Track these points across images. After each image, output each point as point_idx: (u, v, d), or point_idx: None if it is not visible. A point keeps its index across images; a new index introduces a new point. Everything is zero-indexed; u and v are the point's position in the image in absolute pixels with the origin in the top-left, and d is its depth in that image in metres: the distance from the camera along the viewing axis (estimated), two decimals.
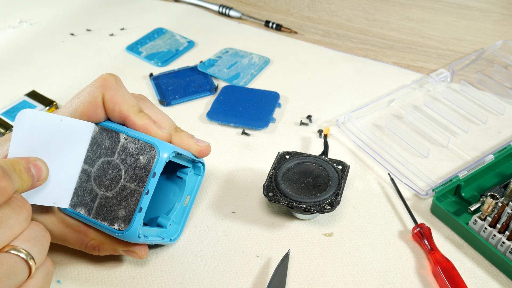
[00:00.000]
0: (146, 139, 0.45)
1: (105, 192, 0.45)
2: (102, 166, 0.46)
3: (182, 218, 0.51)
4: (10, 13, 0.90)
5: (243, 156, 0.62)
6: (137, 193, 0.44)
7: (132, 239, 0.44)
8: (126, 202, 0.44)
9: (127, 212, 0.44)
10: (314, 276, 0.49)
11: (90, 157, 0.46)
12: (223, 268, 0.50)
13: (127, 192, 0.44)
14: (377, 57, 0.79)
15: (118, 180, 0.45)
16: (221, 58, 0.78)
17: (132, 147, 0.45)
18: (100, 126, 0.47)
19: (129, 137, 0.45)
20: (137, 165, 0.44)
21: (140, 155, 0.44)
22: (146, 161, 0.44)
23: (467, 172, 0.56)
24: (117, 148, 0.45)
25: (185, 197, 0.51)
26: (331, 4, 0.92)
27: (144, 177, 0.44)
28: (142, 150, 0.44)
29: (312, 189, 0.53)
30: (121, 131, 0.46)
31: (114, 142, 0.46)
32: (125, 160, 0.45)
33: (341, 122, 0.65)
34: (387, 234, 0.53)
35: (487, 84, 0.71)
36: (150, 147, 0.44)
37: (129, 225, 0.44)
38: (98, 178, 0.46)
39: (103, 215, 0.45)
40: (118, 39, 0.83)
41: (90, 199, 0.46)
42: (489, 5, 0.90)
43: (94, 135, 0.47)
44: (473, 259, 0.50)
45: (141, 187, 0.44)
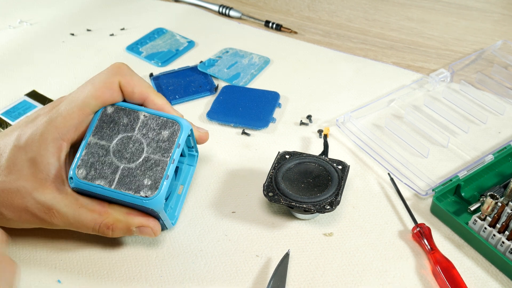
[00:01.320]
0: (167, 116, 0.48)
1: (126, 164, 0.46)
2: (121, 141, 0.47)
3: (177, 205, 0.53)
4: (10, 13, 0.90)
5: (243, 156, 0.62)
6: (162, 162, 0.46)
7: (158, 206, 0.46)
8: (151, 171, 0.46)
9: (153, 180, 0.45)
10: (314, 276, 0.49)
11: (107, 133, 0.48)
12: (223, 268, 0.50)
13: (152, 163, 0.46)
14: (377, 57, 0.79)
15: (140, 152, 0.47)
16: (221, 58, 0.78)
17: (153, 123, 0.48)
18: (116, 106, 0.49)
19: (149, 114, 0.48)
20: (160, 138, 0.47)
21: (162, 130, 0.47)
22: (170, 135, 0.47)
23: (467, 172, 0.56)
24: (137, 125, 0.48)
25: (178, 186, 0.53)
26: (331, 4, 0.92)
27: (168, 148, 0.46)
28: (164, 125, 0.47)
29: (312, 189, 0.53)
30: (139, 109, 0.48)
31: (133, 119, 0.48)
32: (147, 135, 0.47)
33: (341, 122, 0.65)
34: (387, 234, 0.53)
35: (487, 84, 0.71)
36: (173, 123, 0.47)
37: (157, 191, 0.45)
38: (118, 152, 0.47)
39: (127, 185, 0.46)
40: (118, 39, 0.83)
41: (110, 172, 0.46)
42: (489, 5, 0.90)
43: (110, 114, 0.48)
44: (473, 259, 0.50)
45: (166, 157, 0.46)
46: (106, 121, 0.48)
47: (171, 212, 0.52)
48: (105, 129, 0.48)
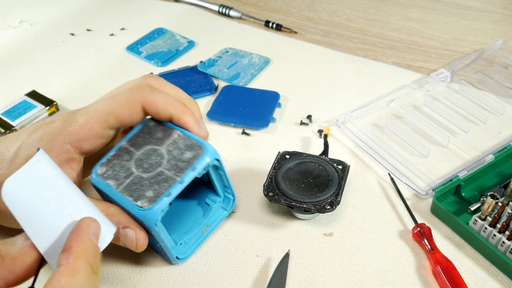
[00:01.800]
0: (198, 140, 0.47)
1: (141, 173, 0.46)
2: (147, 151, 0.48)
3: (195, 244, 0.51)
4: (10, 13, 0.90)
5: (243, 156, 0.62)
6: (171, 180, 0.45)
7: (150, 220, 0.44)
8: (158, 186, 0.45)
9: (155, 194, 0.45)
10: (314, 276, 0.49)
11: (139, 142, 0.48)
12: (223, 268, 0.50)
13: (162, 178, 0.45)
14: (377, 57, 0.79)
15: (157, 166, 0.46)
16: (221, 58, 0.78)
17: (182, 143, 0.47)
18: (158, 121, 0.49)
19: (183, 135, 0.48)
20: (181, 158, 0.46)
21: (187, 151, 0.47)
22: (191, 157, 0.46)
23: (467, 172, 0.56)
24: (168, 141, 0.48)
25: (204, 226, 0.52)
26: (331, 4, 0.92)
27: (184, 168, 0.46)
28: (190, 147, 0.47)
29: (312, 189, 0.53)
30: (176, 128, 0.49)
31: (167, 136, 0.48)
32: (171, 152, 0.47)
33: (341, 122, 0.65)
34: (387, 234, 0.53)
35: (487, 84, 0.71)
36: (199, 146, 0.47)
37: (153, 205, 0.44)
38: (139, 160, 0.47)
39: (131, 191, 0.45)
40: (118, 39, 0.83)
41: (124, 176, 0.46)
42: (489, 5, 0.90)
43: (150, 126, 0.49)
44: (473, 259, 0.50)
45: (177, 176, 0.45)
46: (144, 131, 0.49)
47: (184, 247, 0.51)
48: (140, 138, 0.49)
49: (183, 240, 0.50)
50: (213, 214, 0.53)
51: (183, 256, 0.50)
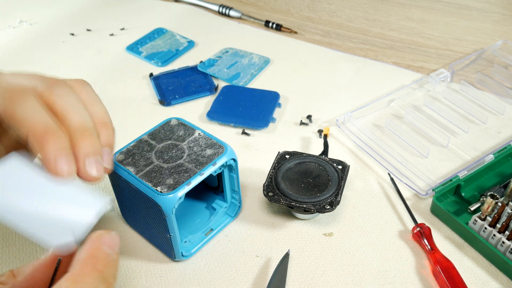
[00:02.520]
0: (219, 140, 0.49)
1: (161, 163, 0.47)
2: (168, 145, 0.49)
3: (198, 244, 0.51)
4: (10, 13, 0.90)
5: (243, 156, 0.62)
6: (191, 171, 0.46)
7: (168, 205, 0.44)
8: (177, 175, 0.46)
9: (175, 182, 0.46)
10: (314, 276, 0.49)
11: (160, 137, 0.50)
12: (223, 268, 0.50)
13: (182, 169, 0.47)
14: (377, 57, 0.79)
15: (178, 158, 0.48)
16: (221, 58, 0.78)
17: (203, 141, 0.49)
18: (180, 121, 0.52)
19: (204, 134, 0.50)
20: (201, 154, 0.48)
21: (207, 148, 0.49)
22: (211, 154, 0.48)
23: (467, 172, 0.56)
24: (189, 138, 0.50)
25: (208, 229, 0.53)
26: (331, 4, 0.92)
27: (204, 163, 0.47)
28: (211, 146, 0.49)
29: (312, 189, 0.53)
30: (197, 128, 0.51)
31: (188, 134, 0.50)
32: (192, 148, 0.49)
33: (341, 122, 0.65)
34: (387, 234, 0.53)
35: (487, 84, 0.71)
36: (220, 146, 0.49)
37: (173, 191, 0.45)
38: (159, 152, 0.49)
39: (150, 178, 0.46)
40: (118, 39, 0.83)
41: (144, 164, 0.47)
42: (489, 5, 0.90)
43: (172, 125, 0.51)
44: (473, 259, 0.50)
45: (197, 168, 0.47)
46: (166, 129, 0.51)
47: (188, 245, 0.51)
48: (161, 133, 0.50)
49: (187, 238, 0.51)
50: (218, 219, 0.54)
51: (188, 253, 0.50)
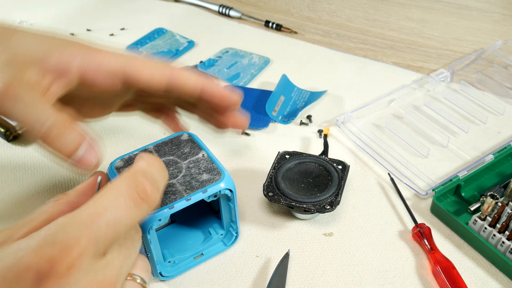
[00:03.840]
0: (219, 165, 0.47)
1: None
2: (168, 161, 0.48)
3: (183, 266, 0.50)
4: (10, 13, 0.90)
5: (243, 156, 0.62)
6: (179, 194, 0.45)
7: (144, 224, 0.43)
8: (164, 195, 0.45)
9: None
10: (314, 276, 0.49)
11: (165, 150, 0.49)
12: (223, 268, 0.50)
13: (172, 190, 0.45)
14: (377, 57, 0.79)
15: (172, 177, 0.46)
16: (221, 58, 0.78)
17: (203, 164, 0.47)
18: (191, 137, 0.50)
19: (207, 156, 0.48)
20: (196, 178, 0.46)
21: (205, 172, 0.46)
22: (206, 179, 0.46)
23: (467, 172, 0.56)
24: (191, 158, 0.48)
25: (199, 253, 0.50)
26: (331, 4, 0.92)
27: (195, 187, 0.45)
28: (209, 170, 0.46)
29: (312, 189, 0.53)
30: (203, 148, 0.49)
31: (192, 153, 0.48)
32: (190, 169, 0.47)
33: (341, 122, 0.65)
34: (387, 234, 0.53)
35: (487, 84, 0.71)
36: (218, 172, 0.46)
37: (153, 211, 0.43)
38: None
39: None
40: (118, 39, 0.83)
41: None
42: (489, 5, 0.90)
43: (181, 139, 0.50)
44: (473, 259, 0.50)
45: (186, 193, 0.45)
46: (174, 142, 0.49)
47: (171, 266, 0.49)
48: (167, 147, 0.49)
49: (173, 258, 0.49)
50: (212, 244, 0.51)
51: (167, 275, 0.48)
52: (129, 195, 0.36)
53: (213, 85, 0.48)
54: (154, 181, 0.38)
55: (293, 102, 0.69)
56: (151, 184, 0.38)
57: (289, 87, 0.71)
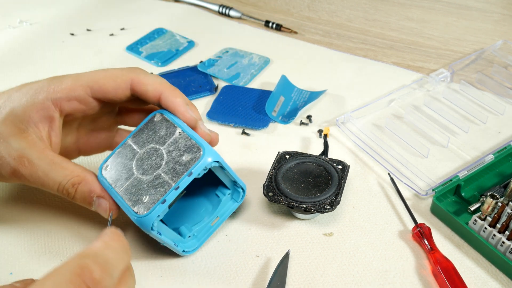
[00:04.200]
0: (198, 140, 0.46)
1: (140, 175, 0.46)
2: (149, 151, 0.47)
3: (203, 236, 0.51)
4: (10, 13, 0.90)
5: (243, 156, 0.62)
6: (167, 185, 0.44)
7: (145, 226, 0.45)
8: (154, 190, 0.45)
9: (151, 199, 0.44)
10: (314, 276, 0.49)
11: (143, 140, 0.48)
12: (223, 268, 0.50)
13: (159, 182, 0.45)
14: (377, 57, 0.79)
15: (156, 168, 0.46)
16: (221, 58, 0.78)
17: (182, 143, 0.46)
18: (163, 116, 0.49)
19: (183, 133, 0.47)
20: (179, 161, 0.45)
21: (186, 152, 0.46)
22: (189, 160, 0.45)
23: (467, 172, 0.56)
24: (169, 140, 0.47)
25: (214, 217, 0.51)
26: (331, 4, 0.92)
27: (180, 173, 0.45)
28: (189, 148, 0.46)
29: (312, 189, 0.53)
30: (178, 125, 0.47)
31: (169, 134, 0.47)
32: (171, 153, 0.46)
33: (341, 122, 0.65)
34: (387, 234, 0.53)
35: (487, 84, 0.71)
36: (198, 148, 0.45)
37: (148, 212, 0.44)
38: (140, 160, 0.47)
39: (129, 194, 0.46)
40: (118, 39, 0.83)
41: (125, 177, 0.47)
42: (489, 5, 0.90)
43: (155, 121, 0.49)
44: (473, 259, 0.50)
45: (173, 181, 0.44)
46: (149, 127, 0.49)
47: (192, 240, 0.50)
48: (144, 135, 0.48)
49: (192, 232, 0.50)
50: (223, 206, 0.52)
51: (191, 249, 0.50)
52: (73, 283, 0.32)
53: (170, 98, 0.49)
54: (106, 265, 0.34)
55: (293, 102, 0.69)
56: (101, 269, 0.34)
57: (288, 87, 0.71)
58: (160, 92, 0.49)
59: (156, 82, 0.49)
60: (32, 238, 0.53)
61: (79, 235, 0.53)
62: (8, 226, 0.54)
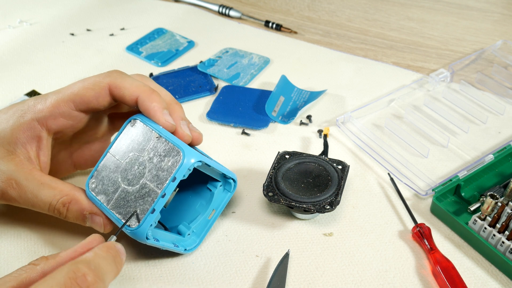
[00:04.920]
0: (176, 142, 0.45)
1: (126, 186, 0.46)
2: (130, 160, 0.46)
3: (203, 231, 0.51)
4: (10, 13, 0.90)
5: (243, 156, 0.62)
6: (154, 193, 0.44)
7: (140, 238, 0.45)
8: (142, 201, 0.44)
9: (140, 210, 0.44)
10: (314, 276, 0.49)
11: (123, 150, 0.47)
12: (223, 268, 0.50)
13: (146, 191, 0.45)
14: (377, 57, 0.79)
15: (141, 177, 0.45)
16: (221, 58, 0.78)
17: (161, 148, 0.45)
18: (139, 121, 0.48)
19: (161, 137, 0.46)
20: (161, 166, 0.45)
21: (166, 157, 0.45)
22: (170, 165, 0.44)
23: (467, 172, 0.56)
24: (148, 146, 0.46)
25: (210, 211, 0.51)
26: (331, 4, 0.92)
27: (164, 179, 0.44)
28: (169, 152, 0.45)
29: (312, 189, 0.53)
30: (155, 129, 0.46)
31: (147, 140, 0.46)
32: (152, 159, 0.45)
33: (341, 122, 0.65)
34: (387, 234, 0.53)
35: (487, 84, 0.71)
36: (177, 151, 0.44)
37: (139, 224, 0.44)
38: (124, 171, 0.46)
39: (119, 208, 0.45)
40: (118, 39, 0.83)
41: (112, 190, 0.46)
42: (489, 5, 0.90)
43: (131, 128, 0.48)
44: (473, 259, 0.50)
45: (159, 189, 0.44)
46: (127, 135, 0.48)
47: (192, 237, 0.50)
48: (123, 144, 0.47)
49: (190, 229, 0.50)
50: (217, 198, 0.51)
51: (192, 246, 0.50)
52: (67, 286, 0.34)
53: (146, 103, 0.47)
54: (98, 271, 0.36)
55: (293, 102, 0.69)
56: (94, 273, 0.36)
57: (288, 87, 0.71)
58: (136, 96, 0.47)
59: (133, 86, 0.48)
60: (32, 238, 0.53)
61: (79, 236, 0.53)
62: (8, 226, 0.54)
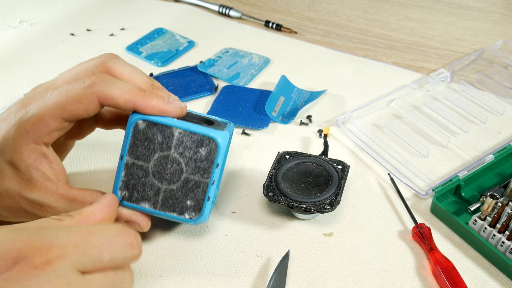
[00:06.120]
0: (203, 132, 0.45)
1: (167, 185, 0.46)
2: (159, 161, 0.46)
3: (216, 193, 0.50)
4: (10, 13, 0.90)
5: (243, 156, 0.62)
6: (202, 184, 0.45)
7: (204, 222, 0.47)
8: (192, 193, 0.46)
9: (195, 202, 0.45)
10: (314, 276, 0.49)
11: (143, 153, 0.46)
12: (223, 268, 0.50)
13: (192, 184, 0.46)
14: (377, 57, 0.79)
15: (180, 173, 0.46)
16: (221, 58, 0.78)
17: (189, 141, 0.45)
18: (147, 121, 0.46)
19: (184, 131, 0.45)
20: (198, 158, 0.45)
21: (199, 148, 0.45)
22: (207, 153, 0.45)
23: (467, 172, 0.56)
24: (172, 143, 0.46)
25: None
26: (331, 4, 0.92)
27: (207, 168, 0.45)
28: (200, 143, 0.45)
29: (312, 189, 0.53)
30: (172, 125, 0.45)
31: (168, 137, 0.46)
32: (184, 154, 0.46)
33: (341, 122, 0.65)
34: (387, 234, 0.53)
35: (487, 84, 0.71)
36: (209, 140, 0.45)
37: (201, 213, 0.45)
38: (157, 173, 0.46)
39: (170, 207, 0.46)
40: (118, 39, 0.83)
41: (153, 194, 0.46)
42: (489, 5, 0.90)
43: (142, 130, 0.46)
44: (473, 259, 0.50)
45: (206, 178, 0.45)
46: (140, 138, 0.46)
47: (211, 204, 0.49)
48: (140, 147, 0.46)
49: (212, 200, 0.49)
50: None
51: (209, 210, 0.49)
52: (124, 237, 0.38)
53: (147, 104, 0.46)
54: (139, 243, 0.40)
55: (293, 102, 0.69)
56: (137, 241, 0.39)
57: (288, 87, 0.71)
58: (133, 102, 0.45)
59: (124, 93, 0.45)
60: None
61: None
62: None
